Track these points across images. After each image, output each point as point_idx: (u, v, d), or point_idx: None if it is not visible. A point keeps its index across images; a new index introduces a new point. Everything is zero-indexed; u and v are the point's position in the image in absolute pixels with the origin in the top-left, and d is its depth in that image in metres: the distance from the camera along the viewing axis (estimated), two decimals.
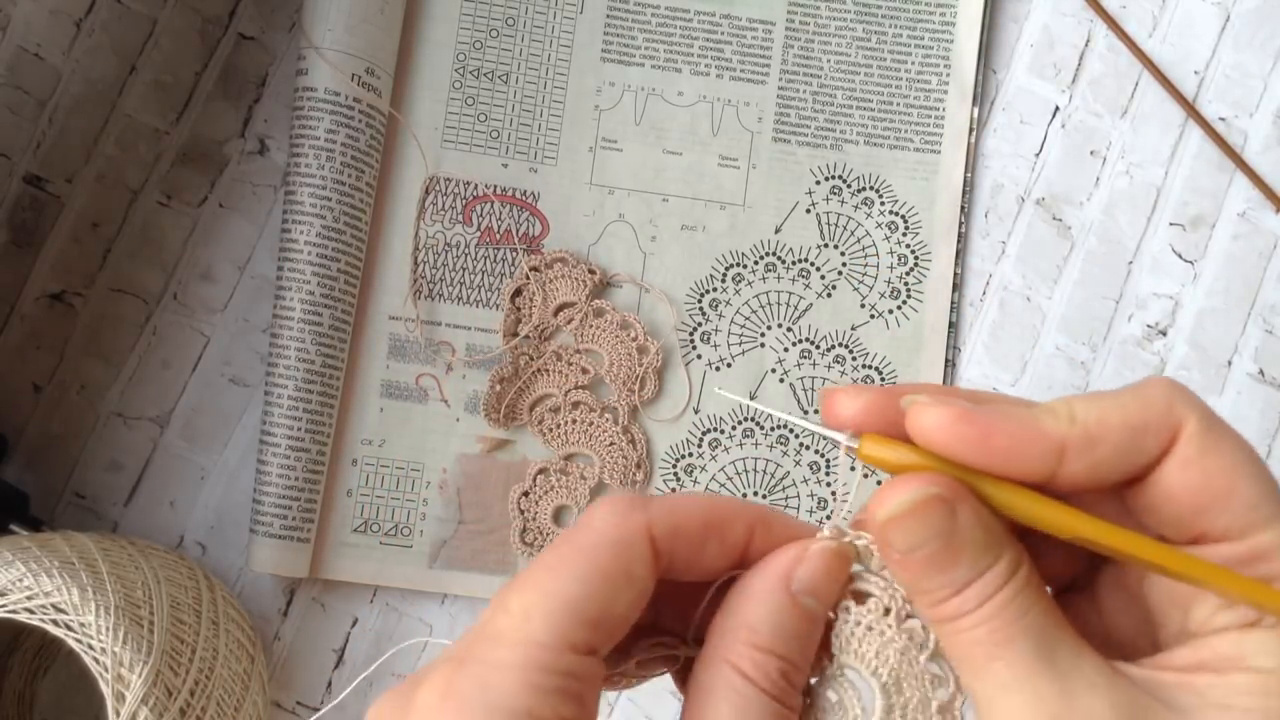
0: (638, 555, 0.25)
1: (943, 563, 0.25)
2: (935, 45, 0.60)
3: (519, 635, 0.24)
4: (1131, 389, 0.25)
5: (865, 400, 0.26)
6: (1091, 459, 0.24)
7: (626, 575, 0.25)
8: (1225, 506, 0.24)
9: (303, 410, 0.54)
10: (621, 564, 0.25)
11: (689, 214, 0.59)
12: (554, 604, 0.24)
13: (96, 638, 0.43)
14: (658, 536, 0.26)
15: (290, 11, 0.58)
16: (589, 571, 0.25)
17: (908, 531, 0.25)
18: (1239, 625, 0.24)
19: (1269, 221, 0.60)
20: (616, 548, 0.25)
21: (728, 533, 0.27)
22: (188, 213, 0.57)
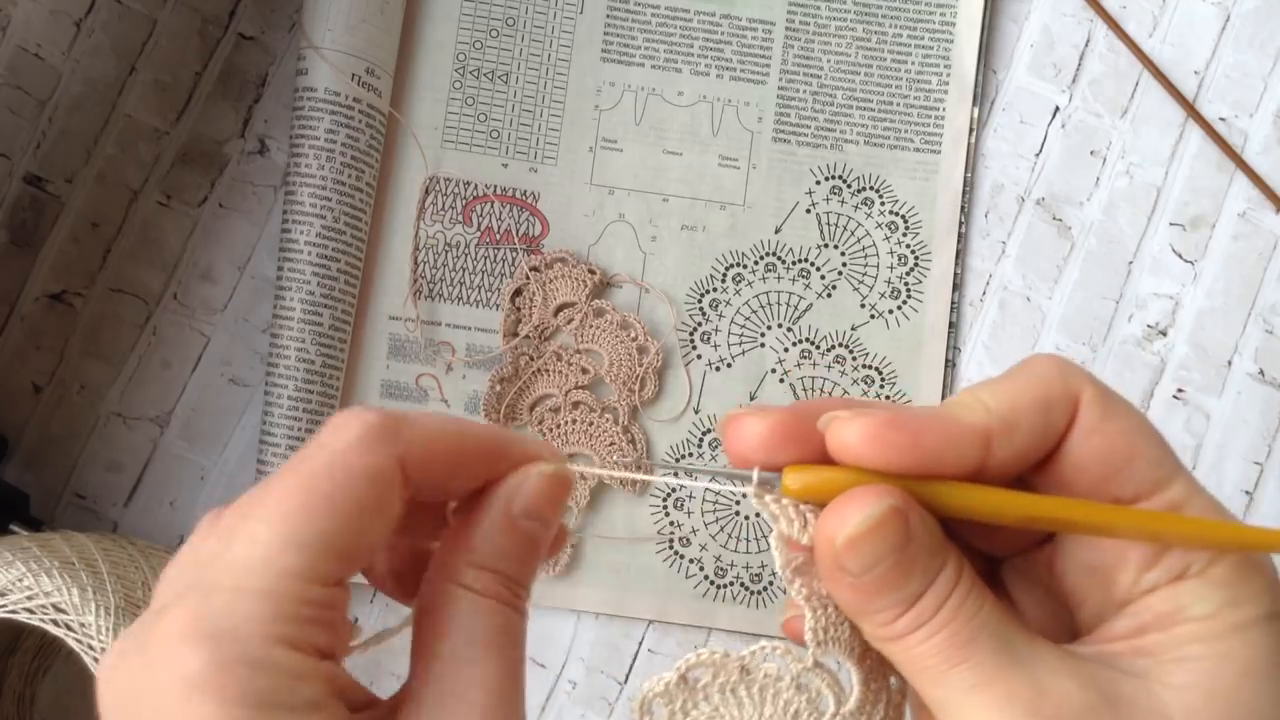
0: (391, 485, 0.25)
1: (897, 578, 0.24)
2: (935, 45, 0.60)
3: (271, 568, 0.23)
4: (1021, 370, 0.26)
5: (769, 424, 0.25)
6: (1013, 443, 0.24)
7: (380, 508, 0.24)
8: (1133, 468, 0.25)
9: (303, 410, 0.54)
10: (377, 498, 0.24)
11: (689, 214, 0.59)
12: (306, 536, 0.23)
13: (97, 638, 0.43)
14: (410, 467, 0.25)
15: (290, 11, 0.58)
16: (344, 505, 0.24)
17: (865, 552, 0.24)
18: (1168, 581, 0.25)
19: (1269, 221, 0.60)
20: (372, 481, 0.24)
21: (475, 462, 0.27)
22: (188, 213, 0.57)
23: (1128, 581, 0.25)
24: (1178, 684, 0.24)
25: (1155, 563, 0.25)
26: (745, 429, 0.25)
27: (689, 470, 0.28)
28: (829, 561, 0.24)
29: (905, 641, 0.24)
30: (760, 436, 0.25)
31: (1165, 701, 0.23)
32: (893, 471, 0.24)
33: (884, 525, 0.24)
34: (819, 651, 0.26)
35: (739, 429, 0.26)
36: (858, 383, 0.58)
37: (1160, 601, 0.25)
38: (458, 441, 0.26)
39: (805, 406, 0.26)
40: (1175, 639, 0.24)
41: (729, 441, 0.26)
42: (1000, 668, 0.24)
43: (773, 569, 0.57)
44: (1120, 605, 0.25)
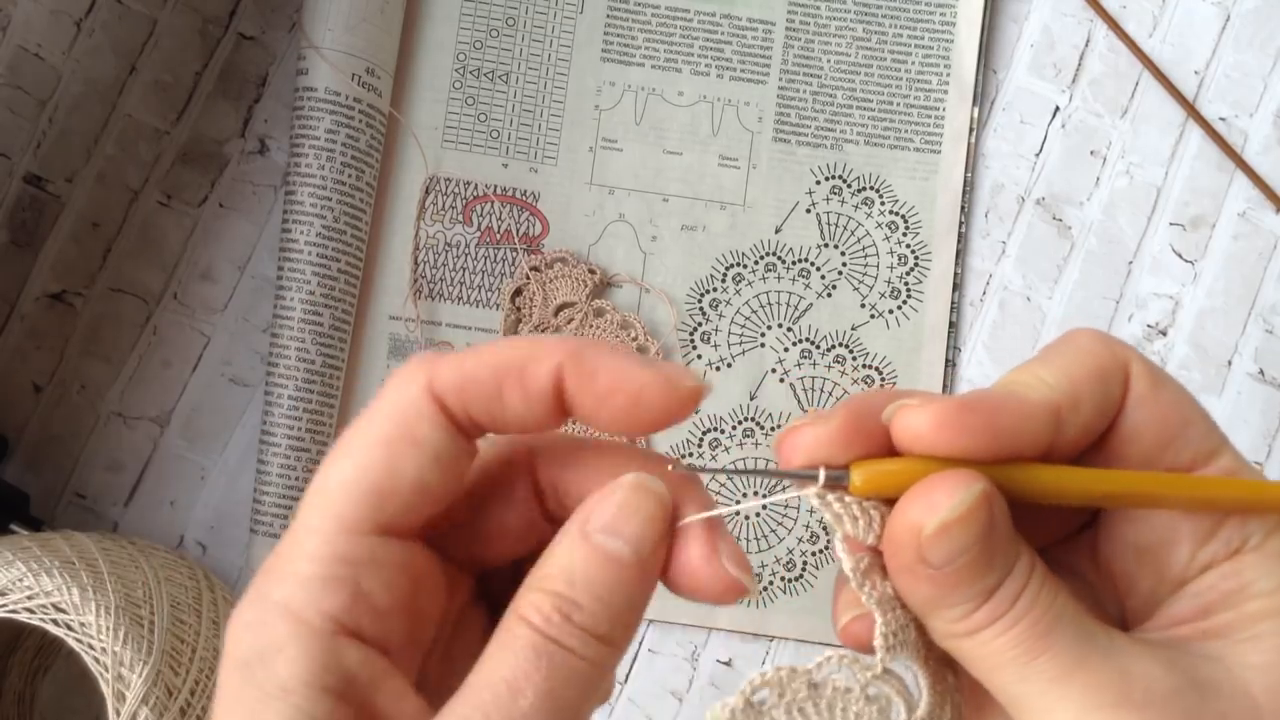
0: (420, 415, 0.23)
1: (980, 568, 0.23)
2: (935, 45, 0.60)
3: (301, 525, 0.22)
4: (1067, 345, 0.25)
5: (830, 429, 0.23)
6: (1080, 417, 0.24)
7: (409, 439, 0.23)
8: (1186, 437, 0.24)
9: (303, 410, 0.54)
10: (402, 429, 0.23)
11: (689, 214, 0.59)
12: (330, 483, 0.22)
13: (97, 638, 0.43)
14: (443, 392, 0.23)
15: (290, 11, 0.58)
16: (367, 442, 0.23)
17: (953, 540, 0.22)
18: (1226, 557, 0.24)
19: (1269, 221, 0.60)
20: (395, 411, 0.23)
21: (528, 377, 0.23)
22: (188, 213, 0.57)
23: (1183, 559, 0.24)
24: (1256, 664, 0.23)
25: (1211, 537, 0.24)
26: (804, 438, 0.23)
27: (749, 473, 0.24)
28: (910, 553, 0.23)
29: (981, 636, 0.23)
30: (821, 442, 0.23)
31: (1248, 682, 0.23)
32: (968, 457, 0.23)
33: (975, 511, 0.22)
34: (888, 657, 0.24)
35: (797, 439, 0.24)
36: (858, 383, 0.58)
37: (1222, 579, 0.24)
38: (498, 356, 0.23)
39: (861, 405, 0.24)
40: (1245, 617, 0.23)
41: (786, 454, 0.24)
42: (1084, 656, 0.23)
43: (772, 569, 0.57)
44: (1176, 586, 0.24)
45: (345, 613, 0.22)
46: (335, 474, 0.23)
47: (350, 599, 0.22)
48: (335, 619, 0.22)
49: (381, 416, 0.23)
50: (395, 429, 0.23)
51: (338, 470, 0.23)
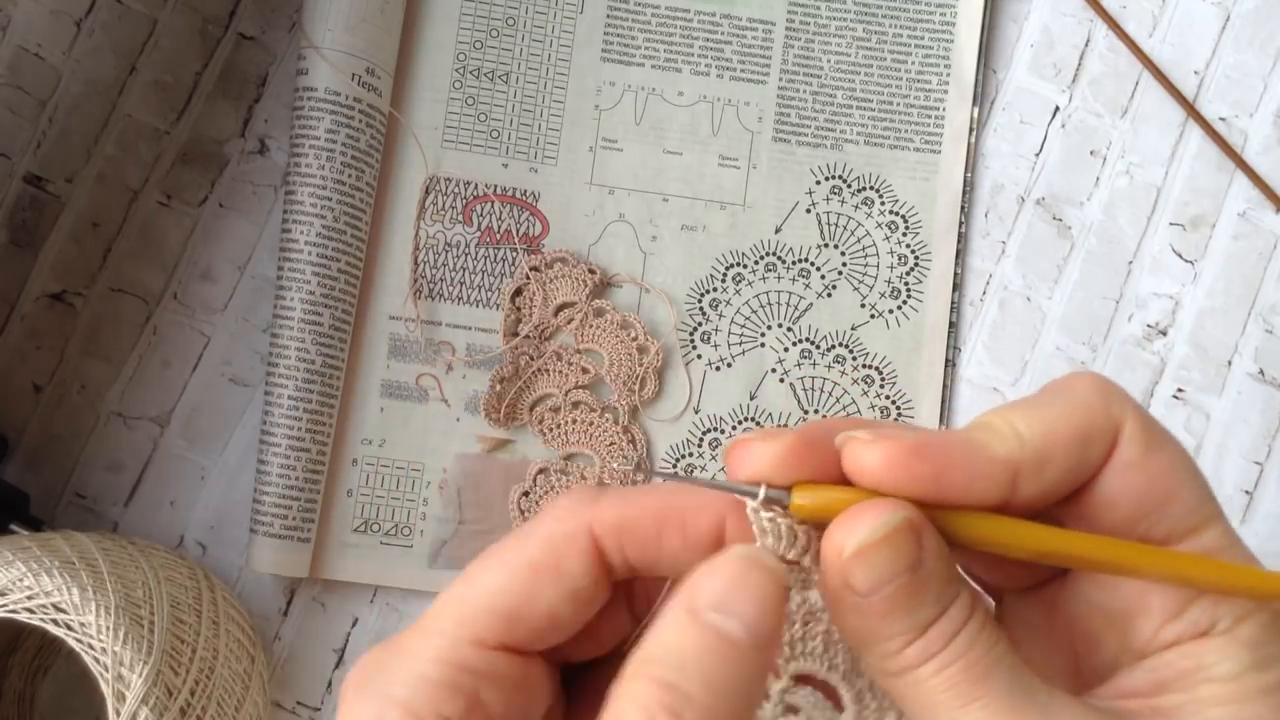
0: (573, 549, 0.23)
1: (909, 601, 0.22)
2: (935, 45, 0.60)
3: (432, 623, 0.23)
4: (1061, 392, 0.24)
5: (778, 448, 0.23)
6: (1043, 478, 0.23)
7: (554, 570, 0.23)
8: (1169, 509, 0.23)
9: (303, 410, 0.54)
10: (551, 558, 0.23)
11: (689, 214, 0.59)
12: (468, 593, 0.23)
13: (97, 638, 0.43)
14: (603, 532, 0.24)
15: (290, 11, 0.58)
16: (514, 563, 0.23)
17: (876, 565, 0.22)
18: (1191, 636, 0.23)
19: (1269, 221, 0.60)
20: (549, 540, 0.24)
21: (690, 525, 0.24)
22: (188, 213, 0.57)
23: (1148, 631, 0.24)
24: None
25: (1179, 614, 0.23)
26: (752, 453, 0.23)
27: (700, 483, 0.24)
28: (836, 577, 0.22)
29: (915, 675, 0.22)
30: (768, 460, 0.23)
31: None
32: (913, 499, 0.23)
33: (895, 538, 0.22)
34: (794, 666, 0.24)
35: (745, 453, 0.24)
36: (858, 382, 0.58)
37: (1181, 658, 0.23)
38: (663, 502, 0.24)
39: (815, 430, 0.24)
40: (1196, 700, 0.23)
41: (734, 466, 0.24)
42: (1018, 709, 0.22)
43: None
44: (1137, 656, 0.24)
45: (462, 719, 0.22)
46: (476, 584, 0.23)
47: (468, 707, 0.22)
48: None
49: (535, 540, 0.24)
50: (544, 556, 0.23)
51: (480, 581, 0.23)
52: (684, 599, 0.21)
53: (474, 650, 0.23)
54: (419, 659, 0.23)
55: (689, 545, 0.24)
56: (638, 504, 0.24)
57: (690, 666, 0.20)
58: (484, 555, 0.24)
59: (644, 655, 0.21)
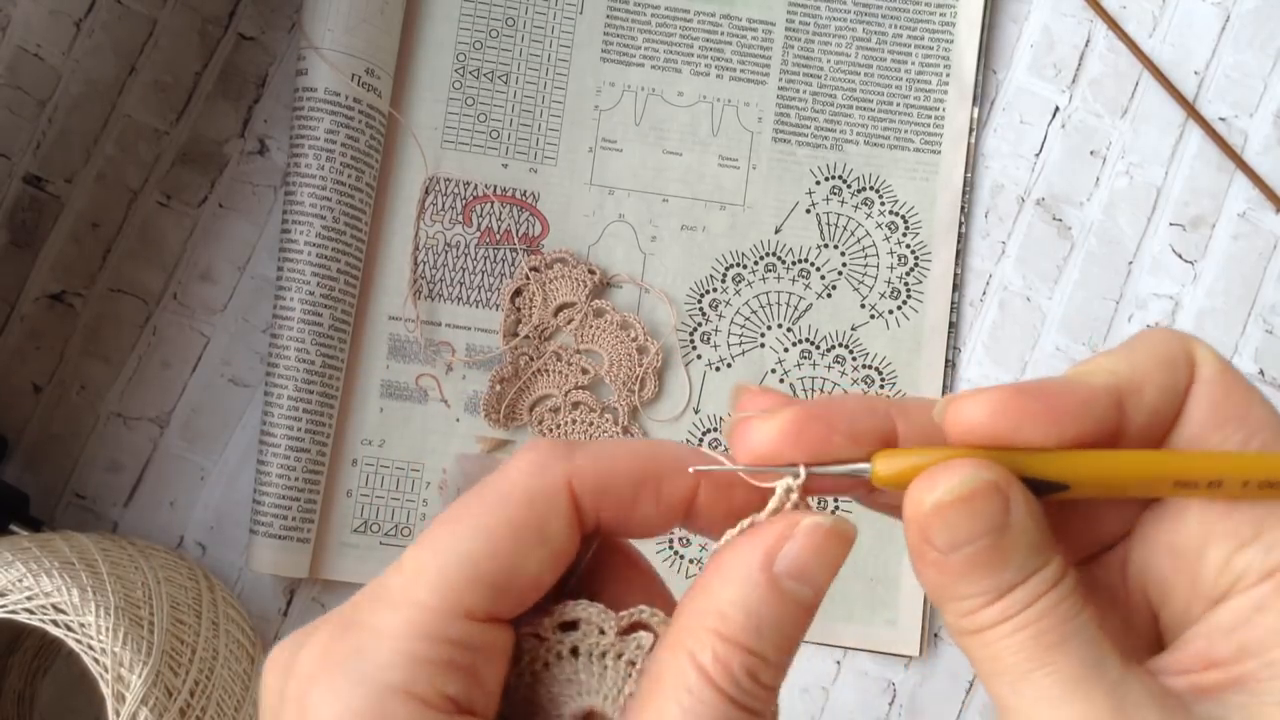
0: (554, 510, 0.22)
1: (990, 564, 0.21)
2: (935, 45, 0.60)
3: (405, 596, 0.21)
4: (1132, 339, 0.24)
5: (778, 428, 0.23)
6: (1144, 402, 0.23)
7: (538, 532, 0.22)
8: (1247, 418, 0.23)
9: (303, 410, 0.54)
10: (534, 519, 0.22)
11: (689, 214, 0.59)
12: (448, 560, 0.21)
13: (96, 638, 0.43)
14: (581, 491, 0.22)
15: (290, 11, 0.58)
16: (494, 526, 0.22)
17: (955, 525, 0.21)
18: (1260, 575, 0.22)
19: (1269, 221, 0.60)
20: (529, 501, 0.22)
21: (667, 486, 0.23)
22: (188, 213, 0.57)
23: (1218, 562, 0.22)
24: None
25: (1251, 541, 0.22)
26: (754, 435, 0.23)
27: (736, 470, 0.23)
28: (914, 530, 0.22)
29: (986, 635, 0.22)
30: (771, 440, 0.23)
31: None
32: (1029, 444, 0.22)
33: (977, 499, 0.21)
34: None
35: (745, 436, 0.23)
36: (858, 382, 0.58)
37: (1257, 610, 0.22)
38: (643, 461, 0.23)
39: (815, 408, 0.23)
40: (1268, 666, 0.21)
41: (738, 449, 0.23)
42: (1086, 684, 0.21)
43: None
44: (1210, 600, 0.23)
45: (464, 695, 0.21)
46: (457, 550, 0.21)
47: (468, 682, 0.21)
48: (456, 702, 0.21)
49: (513, 501, 0.22)
50: (527, 518, 0.22)
51: (459, 546, 0.21)
52: (758, 558, 0.22)
53: (464, 623, 0.21)
54: (402, 637, 0.21)
55: (661, 509, 0.23)
56: (616, 463, 0.23)
57: (768, 631, 0.21)
58: (450, 517, 0.22)
59: (719, 613, 0.21)
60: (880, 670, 0.57)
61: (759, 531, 0.22)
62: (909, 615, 0.56)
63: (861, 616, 0.56)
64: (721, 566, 0.22)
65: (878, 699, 0.57)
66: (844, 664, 0.57)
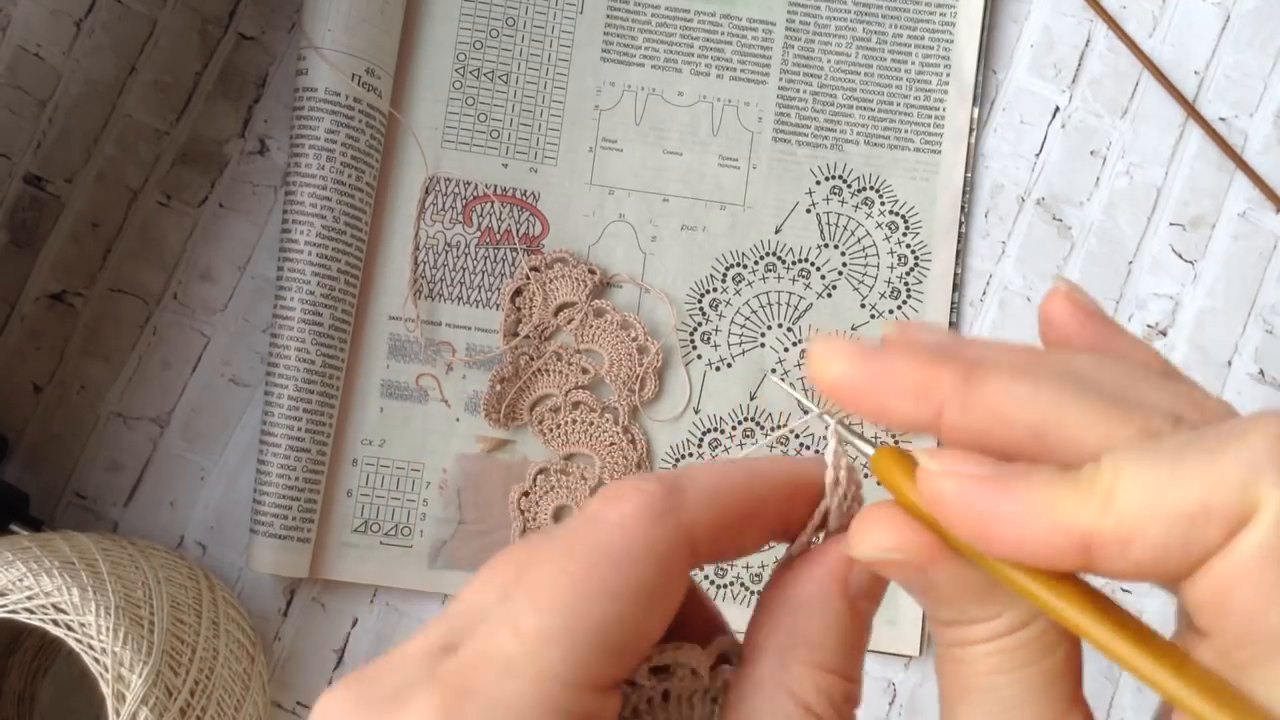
0: (679, 565, 0.21)
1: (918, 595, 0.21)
2: (935, 45, 0.60)
3: (534, 668, 0.19)
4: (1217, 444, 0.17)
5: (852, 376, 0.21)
6: (1126, 559, 0.18)
7: (665, 590, 0.20)
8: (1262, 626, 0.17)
9: (303, 410, 0.54)
10: (663, 579, 0.20)
11: (689, 214, 0.59)
12: (579, 629, 0.19)
13: (97, 638, 0.43)
14: (698, 538, 0.21)
15: (290, 11, 0.58)
16: (623, 589, 0.20)
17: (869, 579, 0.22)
18: None
19: (1269, 221, 0.60)
20: (658, 560, 0.20)
21: (765, 519, 0.22)
22: (188, 213, 0.57)
23: None
24: None
25: None
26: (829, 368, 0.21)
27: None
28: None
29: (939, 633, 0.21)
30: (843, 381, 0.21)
31: None
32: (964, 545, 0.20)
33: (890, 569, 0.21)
34: None
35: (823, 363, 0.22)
36: None
37: None
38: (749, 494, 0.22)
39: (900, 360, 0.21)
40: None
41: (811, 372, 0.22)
42: None
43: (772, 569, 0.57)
44: None
45: None
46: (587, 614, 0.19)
47: None
48: None
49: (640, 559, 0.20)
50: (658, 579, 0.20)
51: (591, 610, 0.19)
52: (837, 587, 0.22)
53: (593, 694, 0.20)
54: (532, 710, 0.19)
55: (762, 533, 0.23)
56: (731, 503, 0.22)
57: (855, 654, 0.22)
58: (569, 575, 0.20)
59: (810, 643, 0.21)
60: (880, 670, 0.57)
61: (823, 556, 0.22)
62: (908, 615, 0.56)
63: None
64: (799, 595, 0.22)
65: (878, 699, 0.57)
66: None
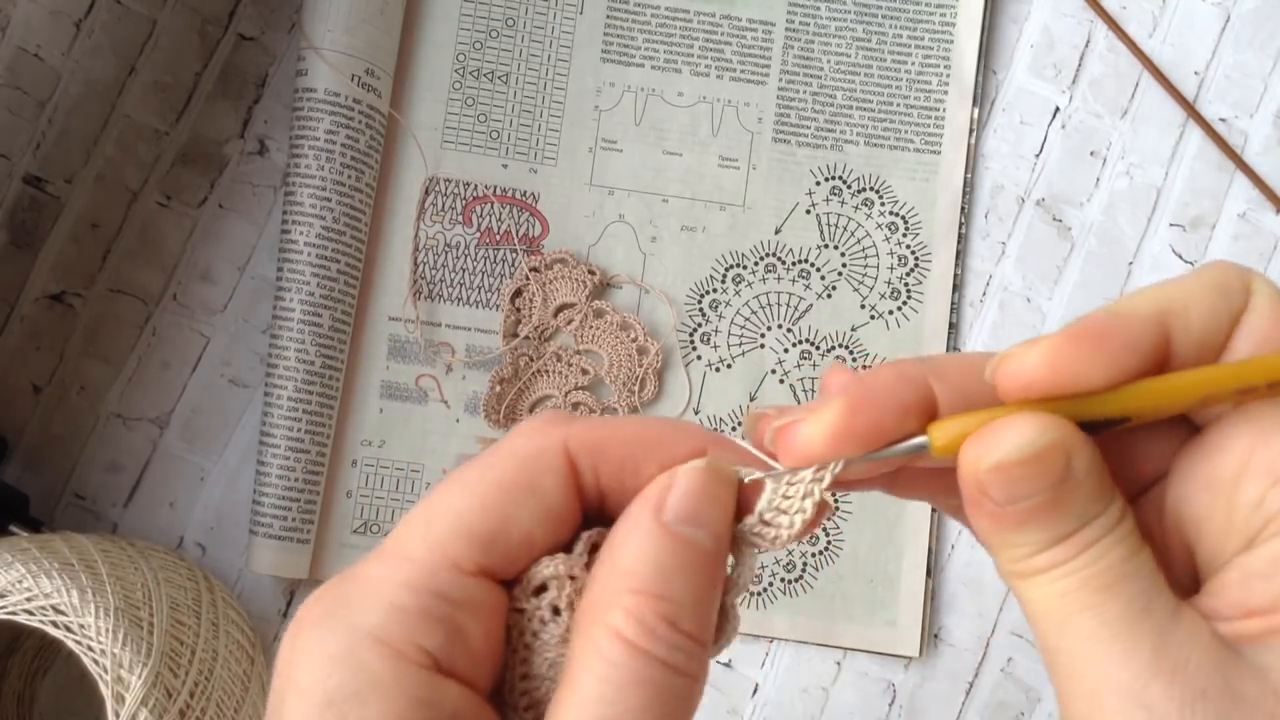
0: (546, 467, 0.22)
1: (1048, 515, 0.22)
2: (935, 46, 0.60)
3: (396, 549, 0.21)
4: (1197, 268, 0.24)
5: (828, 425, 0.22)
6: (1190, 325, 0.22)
7: (529, 488, 0.22)
8: None
9: (302, 411, 0.54)
10: (525, 476, 0.22)
11: (689, 215, 0.59)
12: (437, 515, 0.21)
13: (96, 639, 0.43)
14: (576, 451, 0.23)
15: (290, 12, 0.58)
16: (485, 482, 0.22)
17: (1015, 483, 0.21)
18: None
19: (1269, 222, 0.60)
20: (521, 459, 0.22)
21: (668, 455, 0.23)
22: (187, 213, 0.57)
23: (1254, 496, 0.22)
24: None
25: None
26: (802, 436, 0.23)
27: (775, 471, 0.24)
28: (971, 485, 0.22)
29: (1035, 580, 0.22)
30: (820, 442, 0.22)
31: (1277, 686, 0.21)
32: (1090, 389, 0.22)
33: (1040, 459, 0.21)
34: None
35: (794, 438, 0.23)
36: None
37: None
38: (638, 429, 0.23)
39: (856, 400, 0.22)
40: None
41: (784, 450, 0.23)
42: (1129, 622, 0.21)
43: (772, 571, 0.57)
44: (1243, 535, 0.22)
45: (443, 651, 0.21)
46: (446, 505, 0.22)
47: (449, 637, 0.21)
48: (434, 657, 0.21)
49: (506, 460, 0.22)
50: (518, 475, 0.22)
51: (449, 502, 0.22)
52: (649, 510, 0.22)
53: (450, 575, 0.21)
54: (387, 585, 0.21)
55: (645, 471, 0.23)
56: (614, 427, 0.23)
57: (675, 578, 0.21)
58: (449, 478, 0.22)
59: (623, 572, 0.21)
60: (880, 671, 0.57)
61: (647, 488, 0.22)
62: (909, 616, 0.56)
63: (861, 617, 0.56)
64: (616, 531, 0.22)
65: (878, 700, 0.57)
66: (844, 665, 0.57)
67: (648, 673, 0.20)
